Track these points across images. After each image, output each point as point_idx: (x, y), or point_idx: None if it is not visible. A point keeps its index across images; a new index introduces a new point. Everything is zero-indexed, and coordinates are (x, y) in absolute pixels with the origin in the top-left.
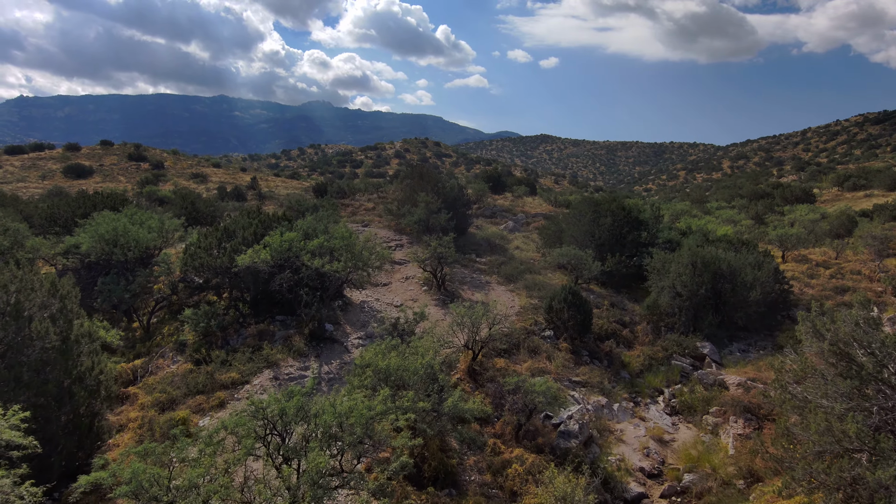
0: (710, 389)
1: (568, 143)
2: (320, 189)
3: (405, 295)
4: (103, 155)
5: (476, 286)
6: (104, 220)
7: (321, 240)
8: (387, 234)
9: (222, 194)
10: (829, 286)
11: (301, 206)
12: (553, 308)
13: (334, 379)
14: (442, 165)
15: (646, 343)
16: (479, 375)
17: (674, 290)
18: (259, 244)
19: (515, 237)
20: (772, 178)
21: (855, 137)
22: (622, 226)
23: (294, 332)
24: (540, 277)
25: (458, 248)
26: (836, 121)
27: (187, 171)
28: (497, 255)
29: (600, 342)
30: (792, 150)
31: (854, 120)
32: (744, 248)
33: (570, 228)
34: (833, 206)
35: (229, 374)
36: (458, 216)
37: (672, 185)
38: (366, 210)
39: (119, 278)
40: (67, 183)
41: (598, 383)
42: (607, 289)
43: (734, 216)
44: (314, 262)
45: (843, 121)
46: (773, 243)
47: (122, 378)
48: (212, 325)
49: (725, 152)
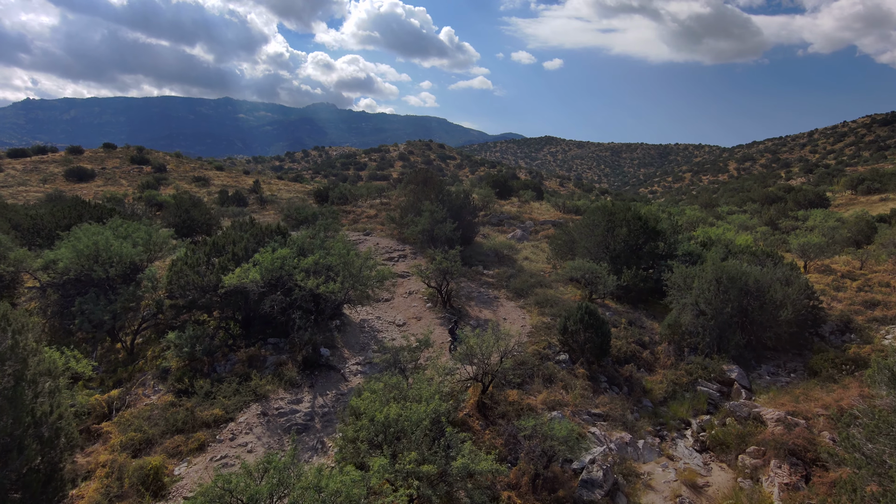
0: (744, 424)
1: (572, 144)
2: (322, 194)
3: (408, 312)
4: (106, 158)
5: (484, 302)
6: (85, 234)
7: (316, 256)
8: (389, 243)
9: (223, 199)
10: (858, 300)
11: (300, 215)
12: (568, 329)
13: (329, 414)
14: (446, 168)
15: (668, 366)
16: (489, 410)
17: (697, 308)
18: (248, 262)
19: (524, 247)
20: (780, 181)
21: (863, 139)
22: (638, 236)
23: (287, 357)
24: (551, 292)
25: (465, 260)
26: (843, 122)
27: (189, 174)
28: (505, 267)
29: (619, 366)
30: (799, 152)
31: (861, 121)
32: (768, 260)
33: (582, 239)
34: (848, 210)
35: (212, 411)
36: (463, 225)
37: (678, 187)
38: (368, 217)
39: (99, 297)
40: (69, 186)
41: (619, 416)
42: (623, 304)
43: (747, 221)
44: (308, 282)
45: (851, 122)
46: (793, 252)
47: (96, 411)
48: (197, 351)
49: (731, 154)
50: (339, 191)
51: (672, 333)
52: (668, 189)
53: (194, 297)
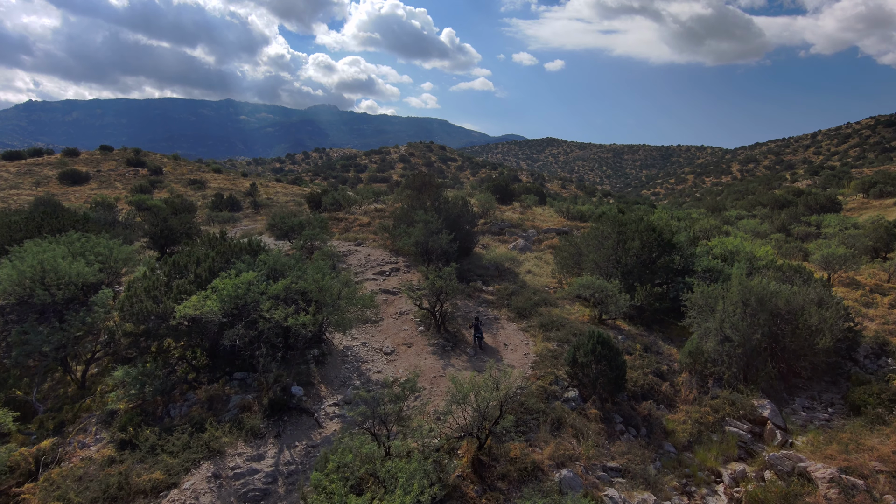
0: (787, 481)
1: (574, 146)
2: (315, 200)
3: (398, 337)
4: (102, 160)
5: (483, 324)
6: (30, 252)
7: (287, 281)
8: (381, 254)
9: (216, 204)
10: (892, 318)
11: (285, 224)
12: (578, 361)
13: (295, 474)
14: (447, 169)
15: (690, 401)
16: (487, 470)
17: (721, 334)
18: (206, 289)
19: (527, 258)
20: (785, 183)
21: (867, 140)
22: (652, 249)
23: (253, 398)
24: (557, 311)
25: (462, 275)
26: (847, 123)
27: (186, 177)
28: (507, 283)
29: (636, 402)
30: (802, 154)
31: (865, 122)
32: (796, 276)
33: (590, 252)
34: (860, 214)
35: (151, 475)
36: (461, 235)
37: (681, 188)
38: (360, 226)
39: (42, 325)
40: (62, 189)
41: (640, 471)
42: (637, 326)
43: (758, 227)
44: (275, 313)
45: (854, 123)
46: (815, 263)
47: (20, 468)
48: (147, 392)
49: (734, 155)
50: (331, 196)
51: (693, 362)
52: (671, 191)
53: (150, 326)
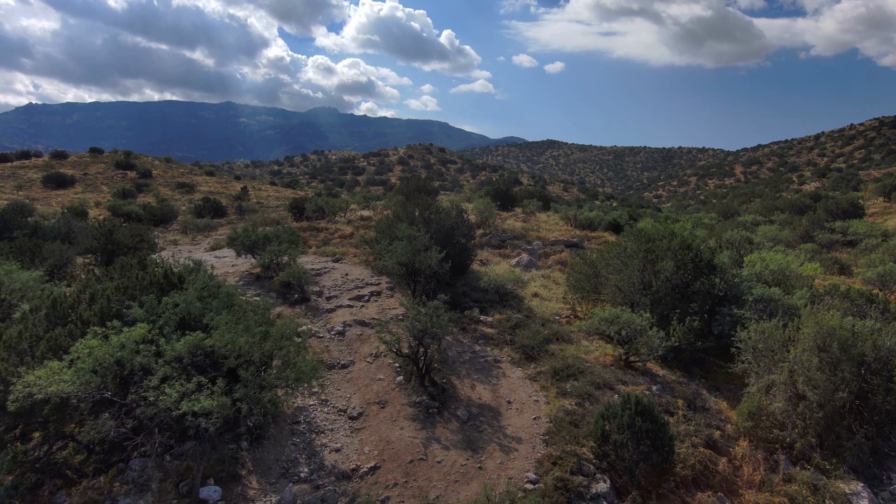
0: None
1: (574, 148)
2: (297, 206)
3: (369, 391)
4: (91, 163)
5: (480, 369)
6: None
7: (197, 337)
8: (361, 273)
9: (198, 209)
10: None
11: (248, 239)
12: (609, 439)
13: None
14: (447, 172)
15: (757, 484)
16: None
17: (793, 390)
18: (63, 359)
19: (532, 277)
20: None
21: (873, 142)
22: (687, 271)
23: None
24: (572, 350)
25: (456, 300)
26: (850, 125)
27: (176, 179)
28: (509, 310)
29: (687, 492)
30: (807, 155)
31: (869, 124)
32: (870, 306)
33: (612, 274)
34: (885, 220)
35: None
36: (455, 251)
37: (683, 191)
38: (341, 237)
39: None
40: (44, 193)
41: None
42: (672, 370)
43: (777, 234)
44: (165, 397)
45: (858, 125)
46: (862, 280)
47: None
48: None
49: (736, 157)
50: (314, 203)
51: (755, 427)
52: (674, 193)
53: None
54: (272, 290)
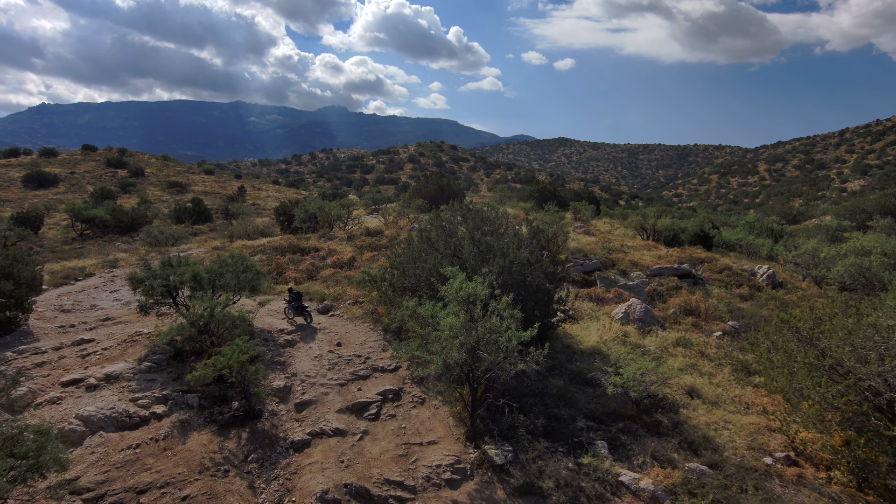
0: None
1: (587, 146)
2: (285, 211)
3: None
4: (81, 161)
5: None
6: None
7: None
8: (364, 337)
9: (179, 214)
10: None
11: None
12: None
13: None
14: (459, 170)
15: None
16: None
17: None
18: None
19: (661, 344)
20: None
21: None
22: None
23: None
24: None
25: (551, 419)
26: (877, 120)
27: (170, 178)
28: (664, 440)
29: None
30: (833, 152)
31: None
32: None
33: None
34: None
35: None
36: (531, 302)
37: (705, 189)
38: (336, 265)
39: None
40: (24, 194)
41: None
42: None
43: (885, 244)
44: None
45: (885, 120)
46: None
47: None
48: None
49: (756, 154)
50: (304, 210)
51: None
52: (695, 192)
53: None
54: (192, 389)
